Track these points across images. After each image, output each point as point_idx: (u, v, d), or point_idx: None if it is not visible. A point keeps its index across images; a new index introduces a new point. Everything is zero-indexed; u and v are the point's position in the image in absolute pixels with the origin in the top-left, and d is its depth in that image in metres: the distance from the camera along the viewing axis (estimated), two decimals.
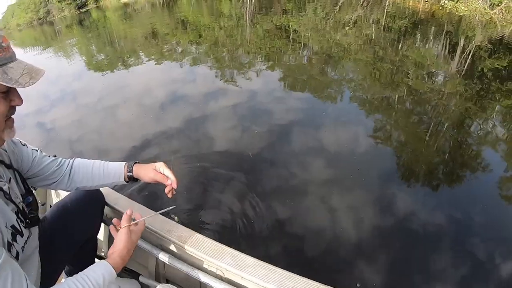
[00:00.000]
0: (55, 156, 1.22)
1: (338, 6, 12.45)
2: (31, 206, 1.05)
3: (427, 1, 11.63)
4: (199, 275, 1.24)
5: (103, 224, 1.49)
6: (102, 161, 1.28)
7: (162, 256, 1.33)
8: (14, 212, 0.95)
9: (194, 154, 3.50)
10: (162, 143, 3.87)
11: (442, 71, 5.88)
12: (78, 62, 9.38)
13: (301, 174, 3.15)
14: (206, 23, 12.20)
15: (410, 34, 8.32)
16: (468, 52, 6.60)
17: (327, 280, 1.10)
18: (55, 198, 1.84)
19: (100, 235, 1.57)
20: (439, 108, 4.34)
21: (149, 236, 1.38)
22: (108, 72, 7.61)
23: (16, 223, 0.93)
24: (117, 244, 1.04)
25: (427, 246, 2.37)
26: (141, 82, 6.57)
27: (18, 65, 0.83)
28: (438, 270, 2.17)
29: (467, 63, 5.98)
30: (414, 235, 2.46)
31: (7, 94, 0.85)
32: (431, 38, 7.85)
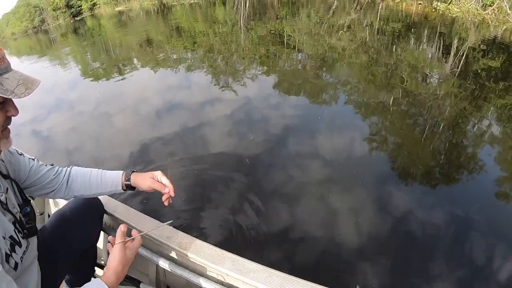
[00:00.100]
0: (52, 165, 1.22)
1: (331, 11, 12.55)
2: (28, 216, 1.05)
3: (420, 3, 11.74)
4: (200, 281, 1.24)
5: (102, 233, 1.48)
6: (99, 169, 1.27)
7: (163, 263, 1.32)
8: (12, 222, 0.95)
9: (191, 162, 3.49)
10: (158, 151, 3.87)
11: (436, 73, 5.92)
12: (73, 71, 9.38)
13: (298, 178, 3.15)
14: (200, 30, 12.24)
15: (404, 36, 8.38)
16: (461, 53, 6.65)
17: (327, 282, 1.10)
18: (53, 207, 1.83)
19: (100, 244, 1.57)
20: (434, 110, 4.37)
21: (149, 243, 1.37)
22: (103, 80, 7.61)
23: (14, 233, 0.93)
24: (111, 261, 1.00)
25: (425, 247, 2.36)
26: (136, 89, 6.58)
27: (13, 75, 0.83)
28: (436, 270, 2.17)
29: (461, 64, 6.02)
30: (412, 236, 2.46)
31: (3, 105, 0.85)
32: (424, 40, 7.91)
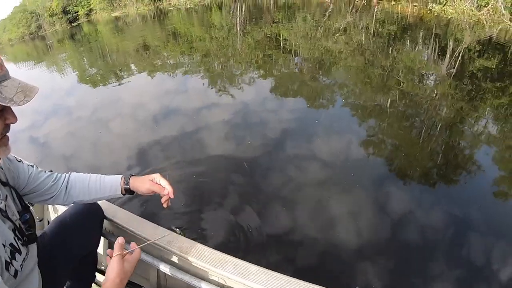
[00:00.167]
0: (51, 171, 1.22)
1: (327, 14, 12.60)
2: (28, 223, 1.04)
3: (415, 5, 11.82)
4: (201, 285, 1.24)
5: (102, 238, 1.48)
6: (98, 174, 1.27)
7: (163, 268, 1.32)
8: (12, 229, 0.95)
9: (189, 166, 3.49)
10: (156, 156, 3.87)
11: (432, 74, 5.95)
12: (70, 77, 9.38)
13: (296, 181, 3.15)
14: (197, 35, 12.26)
15: (400, 38, 8.42)
16: (457, 53, 6.69)
17: (328, 283, 1.10)
18: (53, 213, 1.83)
19: (100, 249, 1.56)
20: (431, 110, 4.38)
21: (149, 248, 1.37)
22: (101, 86, 7.61)
23: (14, 241, 0.93)
24: (109, 273, 0.99)
25: (424, 247, 2.37)
26: (134, 95, 6.59)
27: (12, 83, 0.83)
28: (436, 270, 2.17)
29: (457, 65, 6.05)
30: (411, 236, 2.46)
31: (1, 113, 0.85)
32: (420, 42, 7.96)
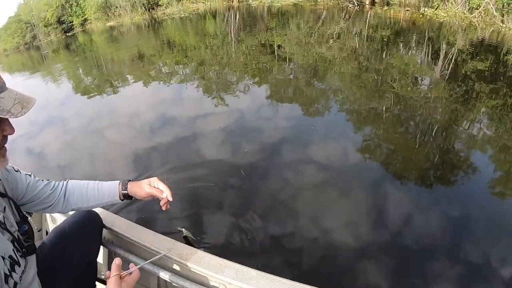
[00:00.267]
0: (48, 180, 1.22)
1: (321, 21, 12.70)
2: (27, 234, 1.04)
3: (407, 9, 11.95)
4: None
5: (102, 247, 1.47)
6: (96, 181, 1.27)
7: (163, 275, 1.31)
8: (10, 241, 0.94)
9: (186, 173, 3.48)
10: (153, 163, 3.88)
11: (426, 77, 6.00)
12: (66, 86, 9.36)
13: (294, 186, 3.15)
14: (192, 43, 12.31)
15: (393, 43, 8.49)
16: (451, 56, 6.76)
17: (329, 285, 1.10)
18: (51, 223, 1.82)
19: (100, 258, 1.55)
20: (426, 113, 4.41)
21: (149, 256, 1.37)
22: (96, 96, 7.59)
23: (13, 253, 0.92)
24: None
25: (424, 247, 2.37)
26: (130, 104, 6.58)
27: (9, 94, 0.82)
28: (435, 270, 2.17)
29: (450, 67, 6.11)
30: (409, 238, 2.47)
31: None
32: (413, 46, 8.03)
